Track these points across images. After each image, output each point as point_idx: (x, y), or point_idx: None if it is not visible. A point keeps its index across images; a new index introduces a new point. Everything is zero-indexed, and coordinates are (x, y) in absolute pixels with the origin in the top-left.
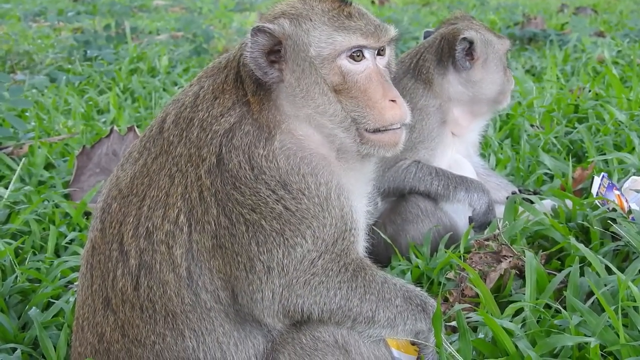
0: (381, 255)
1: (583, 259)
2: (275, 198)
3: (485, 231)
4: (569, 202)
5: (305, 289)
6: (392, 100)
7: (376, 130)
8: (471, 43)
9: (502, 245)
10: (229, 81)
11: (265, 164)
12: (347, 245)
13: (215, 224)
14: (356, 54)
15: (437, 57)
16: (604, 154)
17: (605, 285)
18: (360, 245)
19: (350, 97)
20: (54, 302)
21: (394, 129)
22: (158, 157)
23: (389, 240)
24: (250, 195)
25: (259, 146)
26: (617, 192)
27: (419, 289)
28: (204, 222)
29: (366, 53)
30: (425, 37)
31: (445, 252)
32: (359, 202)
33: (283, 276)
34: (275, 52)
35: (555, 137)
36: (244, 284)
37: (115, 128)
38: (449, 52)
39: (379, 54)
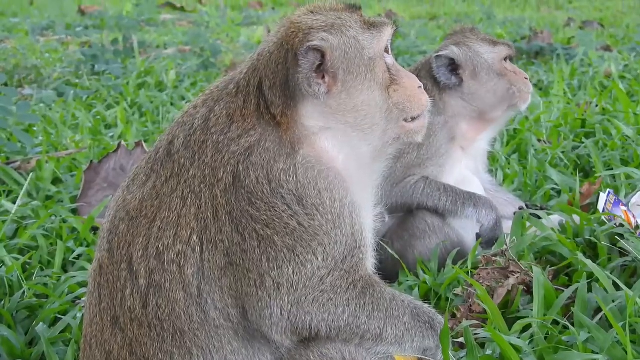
0: (389, 270)
1: (591, 275)
2: (290, 213)
3: (493, 247)
4: (576, 218)
5: (314, 306)
6: (420, 87)
7: (414, 118)
8: (453, 59)
9: (510, 261)
10: (249, 107)
11: (284, 178)
12: (356, 262)
13: (228, 242)
14: (386, 48)
15: (431, 76)
16: (612, 169)
17: (613, 302)
18: (369, 261)
19: (394, 90)
20: (62, 318)
21: (424, 113)
22: (169, 180)
23: (396, 256)
24: (265, 211)
25: (280, 160)
26: (623, 208)
27: (427, 305)
28: (217, 240)
29: (388, 45)
30: None
31: (453, 267)
32: (368, 218)
33: (292, 293)
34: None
35: (563, 152)
36: (253, 301)
37: (123, 143)
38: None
39: None
